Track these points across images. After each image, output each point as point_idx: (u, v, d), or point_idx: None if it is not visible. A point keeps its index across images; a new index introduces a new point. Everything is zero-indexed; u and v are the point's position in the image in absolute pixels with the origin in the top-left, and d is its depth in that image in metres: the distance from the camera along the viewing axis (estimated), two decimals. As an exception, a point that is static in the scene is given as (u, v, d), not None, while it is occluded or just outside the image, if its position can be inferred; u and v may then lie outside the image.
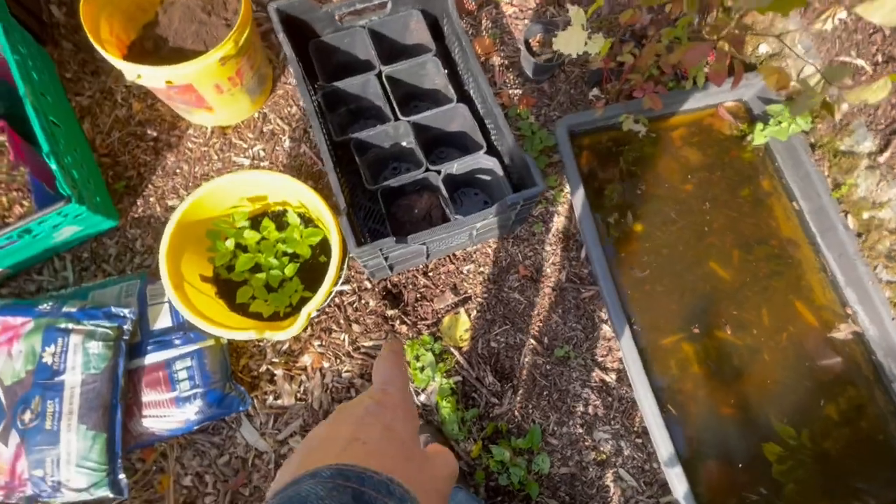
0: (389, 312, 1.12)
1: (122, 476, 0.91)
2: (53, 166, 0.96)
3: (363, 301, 1.13)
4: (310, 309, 0.83)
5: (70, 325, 0.90)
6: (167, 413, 0.96)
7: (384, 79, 1.09)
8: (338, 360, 1.09)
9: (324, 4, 1.07)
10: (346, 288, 1.13)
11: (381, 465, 0.26)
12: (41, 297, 1.04)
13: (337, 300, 1.13)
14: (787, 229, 1.13)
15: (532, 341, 1.12)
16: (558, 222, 1.20)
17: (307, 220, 1.06)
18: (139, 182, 1.18)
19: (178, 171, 1.20)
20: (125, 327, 0.93)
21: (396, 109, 1.07)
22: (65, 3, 1.30)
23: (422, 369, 1.07)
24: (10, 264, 1.04)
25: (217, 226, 0.96)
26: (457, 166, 1.06)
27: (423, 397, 1.08)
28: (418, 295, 1.15)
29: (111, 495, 0.90)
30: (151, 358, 0.97)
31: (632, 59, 1.08)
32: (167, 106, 1.22)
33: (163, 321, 1.00)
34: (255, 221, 1.04)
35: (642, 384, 0.94)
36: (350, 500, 0.23)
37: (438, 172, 1.04)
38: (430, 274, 1.16)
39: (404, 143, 1.11)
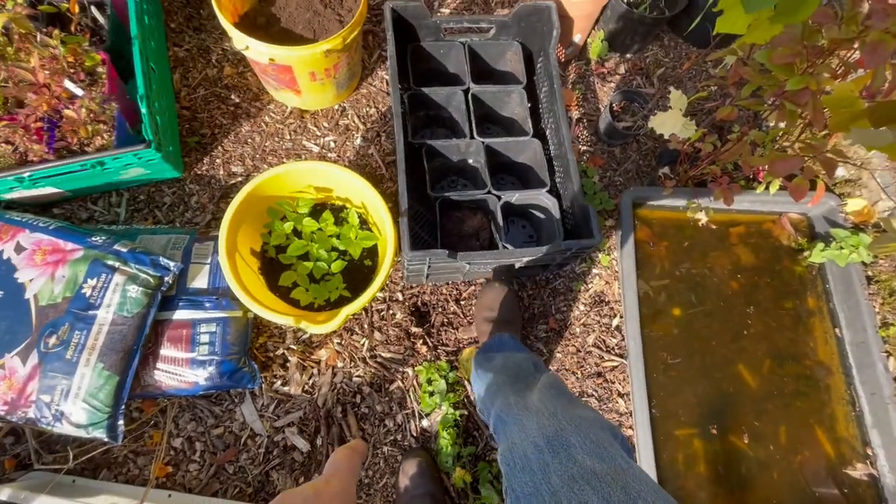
0: (414, 329, 1.13)
1: (121, 422, 0.91)
2: (143, 110, 0.99)
3: (391, 311, 1.14)
4: (350, 311, 0.84)
5: (117, 264, 0.91)
6: (179, 371, 0.96)
7: (469, 96, 1.12)
8: (352, 363, 1.09)
9: (433, 15, 1.10)
10: (380, 295, 1.14)
11: None
12: (94, 227, 1.06)
13: (370, 305, 1.13)
14: (824, 353, 1.12)
15: (545, 396, 1.10)
16: (598, 285, 1.21)
17: (363, 221, 1.07)
18: (211, 141, 1.21)
19: (249, 140, 1.23)
20: (166, 279, 0.94)
21: (474, 128, 1.09)
22: (188, -42, 1.36)
23: (431, 394, 1.06)
24: (73, 188, 1.07)
25: (279, 206, 0.98)
26: (517, 196, 1.07)
27: (425, 422, 1.07)
28: (445, 320, 1.15)
29: (105, 438, 0.89)
30: (180, 314, 0.98)
31: (711, 148, 1.10)
32: (256, 77, 1.26)
33: (200, 281, 1.01)
34: (316, 210, 1.06)
35: (648, 471, 0.92)
36: None
37: (499, 198, 1.05)
38: (462, 302, 1.17)
39: (471, 161, 1.13)
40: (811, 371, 1.11)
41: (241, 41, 0.99)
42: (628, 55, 1.43)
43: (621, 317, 1.14)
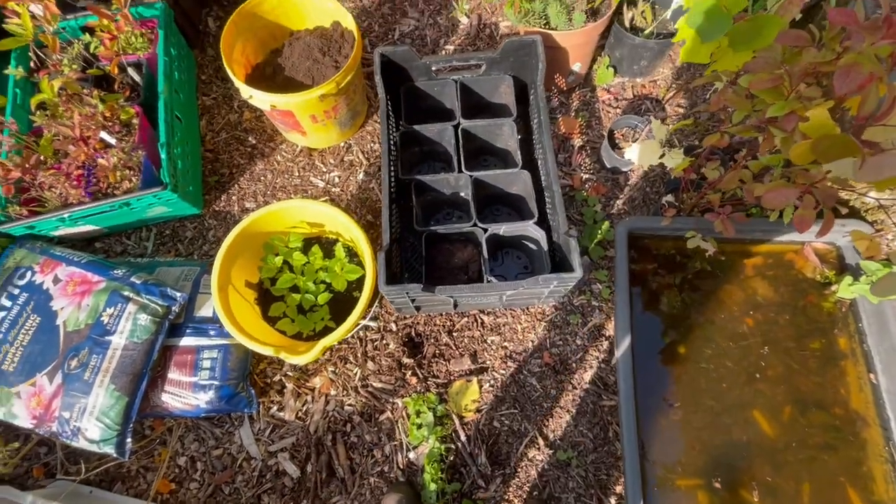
0: (406, 360, 1.14)
1: (129, 440, 1.00)
2: (163, 156, 1.11)
3: (384, 341, 1.16)
4: (326, 343, 0.87)
5: (131, 295, 1.02)
6: (183, 394, 1.04)
7: (460, 131, 1.14)
8: (344, 392, 1.12)
9: (424, 56, 1.15)
10: (373, 324, 1.17)
11: None
12: (120, 260, 1.19)
13: (361, 334, 1.16)
14: (858, 402, 0.99)
15: (537, 435, 1.07)
16: (597, 318, 1.16)
17: (353, 254, 1.11)
18: (229, 180, 1.33)
19: (262, 178, 1.33)
20: (173, 308, 1.04)
21: (462, 162, 1.11)
22: (219, 17, 1.52)
23: (419, 426, 1.06)
24: (108, 226, 1.21)
25: (274, 241, 1.05)
26: (504, 229, 1.07)
27: (412, 455, 1.07)
28: (437, 352, 1.15)
29: (114, 454, 0.98)
30: (186, 341, 1.07)
31: (716, 174, 1.04)
32: (270, 121, 1.37)
33: (206, 310, 1.09)
34: (309, 243, 1.12)
35: (638, 524, 0.86)
36: None
37: (485, 230, 1.05)
38: (455, 334, 1.17)
39: (462, 194, 1.14)
40: (841, 421, 0.98)
41: (245, 91, 1.09)
42: (637, 79, 1.39)
43: (620, 353, 1.08)
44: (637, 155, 0.90)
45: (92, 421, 0.96)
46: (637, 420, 0.94)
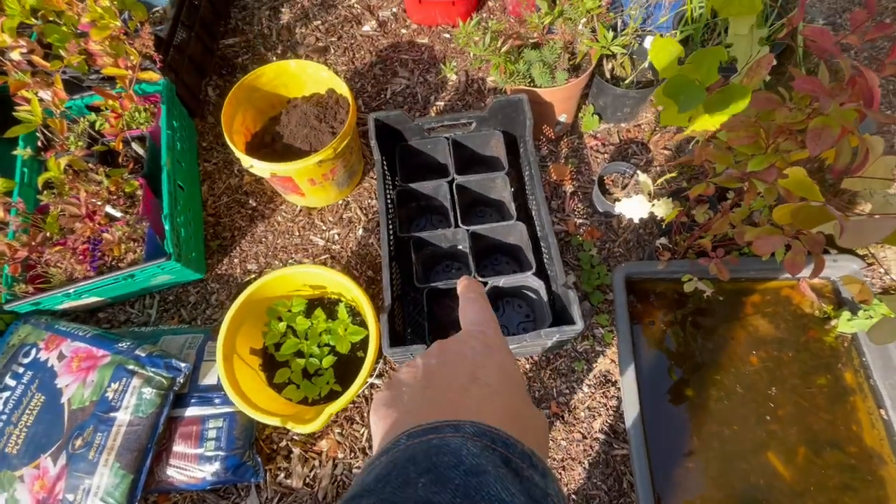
0: (412, 417, 1.13)
1: (134, 520, 0.97)
2: (167, 227, 1.14)
3: (390, 399, 1.15)
4: (332, 410, 0.87)
5: (136, 368, 1.02)
6: (189, 467, 1.03)
7: (455, 186, 1.18)
8: (352, 454, 1.10)
9: (416, 119, 1.20)
10: (378, 382, 1.16)
11: (516, 424, 0.26)
12: (124, 331, 1.20)
13: (366, 392, 1.16)
14: (871, 439, 0.98)
15: (550, 489, 1.04)
16: (602, 364, 1.16)
17: (356, 312, 1.12)
18: (230, 243, 1.35)
19: (263, 239, 1.35)
20: (178, 380, 1.04)
21: (459, 217, 1.14)
22: (218, 86, 1.59)
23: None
24: (112, 296, 1.22)
25: (277, 306, 1.06)
26: (503, 281, 1.08)
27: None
28: (444, 406, 1.14)
29: (120, 536, 0.96)
30: (191, 411, 1.06)
31: (706, 217, 1.07)
32: (269, 183, 1.41)
33: (210, 378, 1.09)
34: (313, 305, 1.13)
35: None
36: (501, 464, 0.23)
37: (485, 284, 1.07)
38: (461, 387, 1.16)
39: (460, 247, 1.16)
40: (857, 460, 0.97)
41: (246, 161, 1.13)
42: (622, 124, 1.44)
43: (628, 399, 1.08)
44: (627, 210, 0.93)
45: (96, 502, 0.94)
46: (651, 471, 0.92)
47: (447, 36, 1.63)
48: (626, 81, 1.31)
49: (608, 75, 1.33)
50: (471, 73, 1.55)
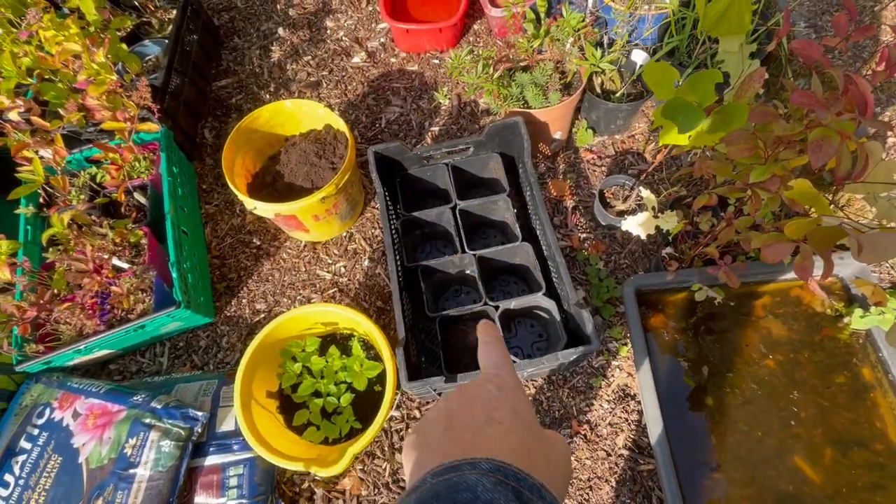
0: (434, 448, 1.12)
1: (160, 578, 0.95)
2: (174, 275, 1.14)
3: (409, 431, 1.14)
4: (355, 450, 0.86)
5: (153, 422, 1.01)
6: (212, 518, 1.01)
7: (458, 211, 1.19)
8: (376, 490, 1.09)
9: (414, 148, 1.21)
10: (396, 414, 1.16)
11: (526, 459, 0.29)
12: (137, 382, 1.19)
13: (385, 425, 1.15)
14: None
15: (579, 511, 1.03)
16: (619, 378, 1.15)
17: (369, 346, 1.12)
18: (237, 284, 1.35)
19: (270, 277, 1.35)
20: (196, 429, 1.02)
21: (464, 242, 1.14)
22: (215, 127, 1.61)
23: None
24: (122, 347, 1.22)
25: (290, 347, 1.06)
26: (514, 303, 1.08)
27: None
28: (465, 434, 1.13)
29: None
30: (211, 460, 1.04)
31: (709, 225, 1.08)
32: (273, 221, 1.41)
33: (228, 424, 1.08)
34: (326, 342, 1.13)
35: None
36: (513, 498, 0.25)
37: (496, 308, 1.07)
38: (480, 413, 1.15)
39: (468, 271, 1.17)
40: (885, 457, 0.96)
41: (250, 204, 1.14)
42: (617, 136, 1.46)
43: (649, 412, 1.07)
44: (633, 229, 0.94)
45: (121, 564, 0.92)
46: (680, 486, 0.92)
47: (436, 62, 1.66)
48: (617, 95, 1.33)
49: (598, 90, 1.35)
50: (463, 96, 1.57)
